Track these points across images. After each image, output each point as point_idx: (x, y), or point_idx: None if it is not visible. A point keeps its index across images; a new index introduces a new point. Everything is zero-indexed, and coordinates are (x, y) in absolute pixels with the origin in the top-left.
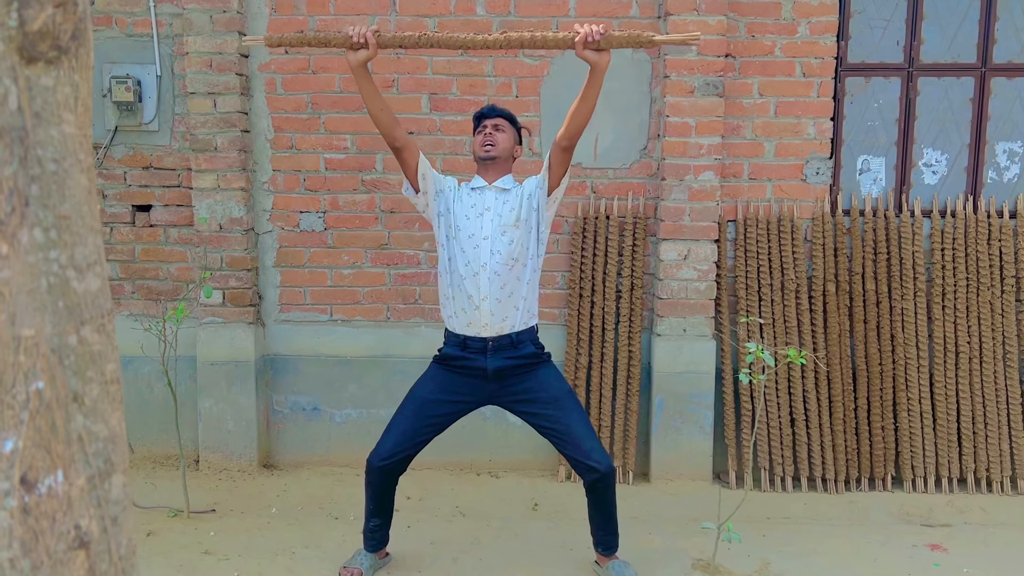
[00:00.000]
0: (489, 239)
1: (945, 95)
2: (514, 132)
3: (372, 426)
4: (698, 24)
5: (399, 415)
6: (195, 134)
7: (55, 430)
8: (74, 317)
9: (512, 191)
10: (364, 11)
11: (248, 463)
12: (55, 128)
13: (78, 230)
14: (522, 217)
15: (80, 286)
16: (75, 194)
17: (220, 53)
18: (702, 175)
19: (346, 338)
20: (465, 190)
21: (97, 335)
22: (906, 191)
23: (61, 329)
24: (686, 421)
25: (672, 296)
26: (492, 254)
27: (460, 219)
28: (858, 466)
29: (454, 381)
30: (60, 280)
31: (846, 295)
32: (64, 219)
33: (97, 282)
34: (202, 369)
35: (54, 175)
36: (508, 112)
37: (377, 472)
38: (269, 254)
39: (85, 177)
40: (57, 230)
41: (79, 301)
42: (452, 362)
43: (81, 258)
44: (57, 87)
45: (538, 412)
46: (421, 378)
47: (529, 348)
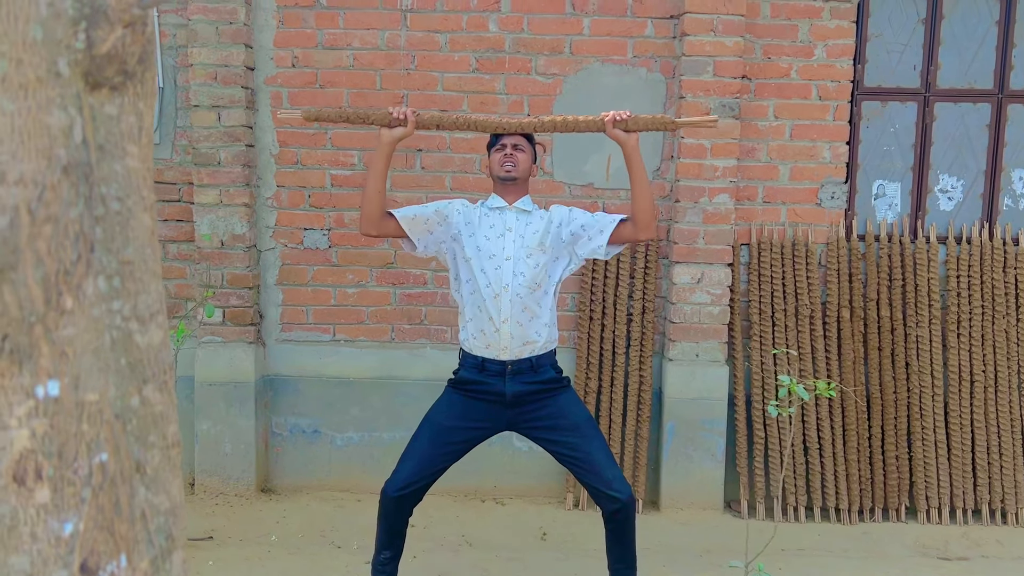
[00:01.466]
0: (512, 260)
1: (961, 121)
2: (532, 151)
3: (374, 450)
4: (714, 45)
5: (415, 442)
6: (198, 148)
7: (118, 508)
8: (137, 375)
9: (534, 214)
10: (374, 26)
11: (246, 487)
12: (119, 162)
13: (141, 276)
14: (548, 244)
15: (143, 340)
16: (139, 236)
17: (226, 65)
18: (717, 198)
19: (349, 359)
20: (482, 209)
21: (159, 394)
22: (922, 217)
23: (124, 390)
24: (698, 449)
25: (685, 320)
26: (515, 276)
27: (481, 239)
28: (872, 496)
29: (471, 407)
30: (123, 334)
31: (860, 321)
32: (127, 265)
33: (159, 334)
34: (200, 390)
35: (118, 215)
36: (527, 134)
37: (393, 503)
38: (271, 272)
39: (148, 216)
40: (120, 277)
41: (142, 357)
42: (468, 387)
43: (144, 308)
44: (121, 116)
45: (558, 440)
46: (436, 403)
47: (549, 372)
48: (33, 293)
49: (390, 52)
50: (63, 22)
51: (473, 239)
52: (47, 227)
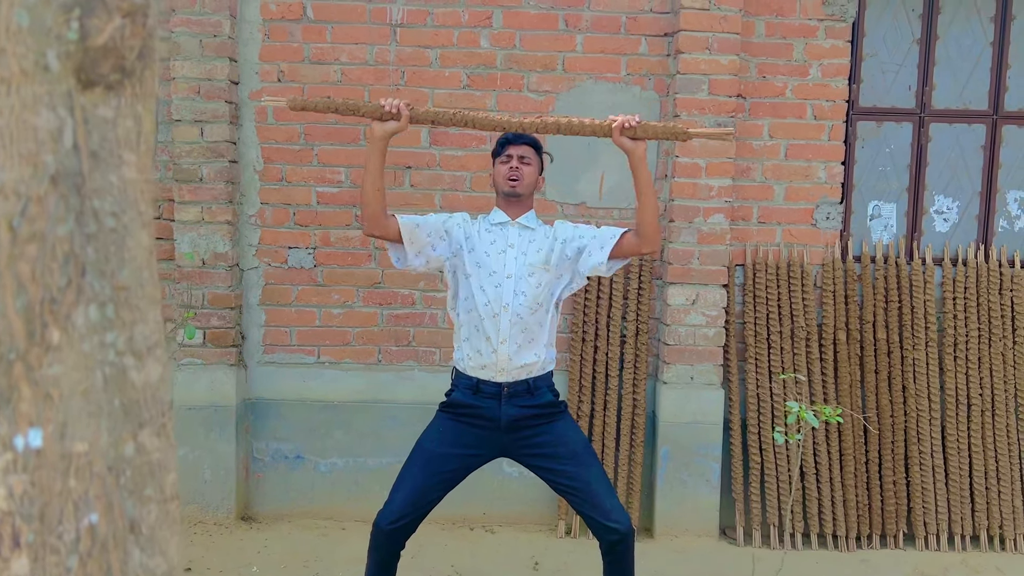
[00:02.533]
0: (513, 279)
1: (956, 142)
2: (539, 161)
3: (359, 476)
4: (709, 63)
5: (406, 471)
6: (179, 164)
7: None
8: (132, 419)
9: (538, 231)
10: (363, 40)
11: (226, 515)
12: (114, 172)
13: (138, 303)
14: (552, 262)
15: (140, 377)
16: (135, 257)
17: (209, 79)
18: (712, 217)
19: (334, 381)
20: (483, 224)
21: (157, 439)
22: (917, 238)
23: (118, 437)
24: (692, 474)
25: (679, 342)
26: (516, 295)
27: (480, 255)
28: (869, 522)
29: (464, 432)
30: (117, 371)
31: (857, 344)
32: (123, 290)
33: (158, 369)
34: (178, 414)
35: (113, 233)
36: (534, 140)
37: (385, 536)
38: (254, 292)
39: (146, 234)
40: (115, 305)
41: (138, 397)
42: (461, 411)
43: (141, 340)
44: (118, 119)
45: (556, 468)
46: (427, 430)
47: (547, 396)
48: (13, 325)
49: (379, 67)
50: (53, 8)
51: (473, 255)
52: (31, 247)
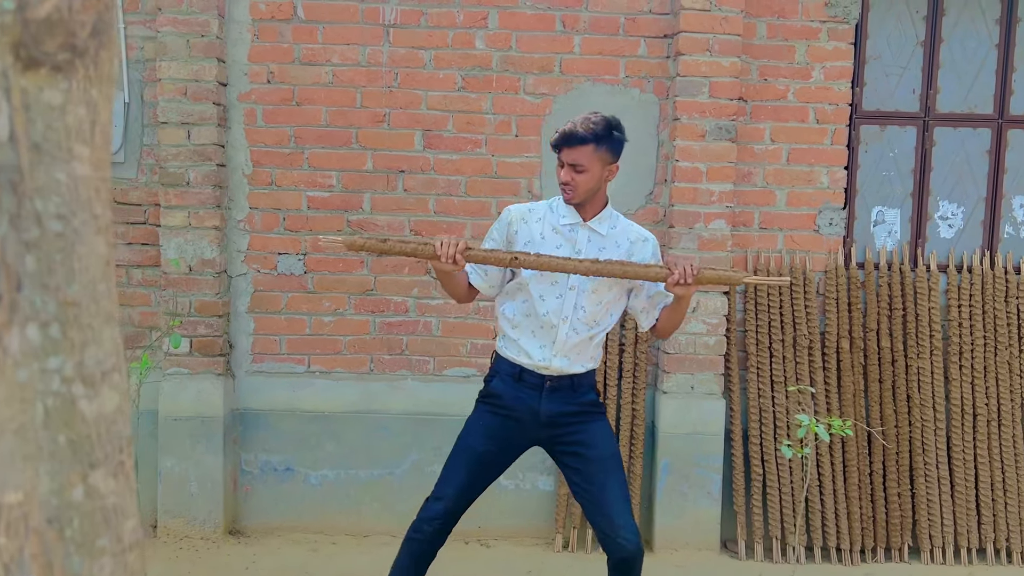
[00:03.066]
0: (576, 291)
1: (962, 146)
2: (604, 156)
3: (351, 489)
4: (710, 65)
5: (453, 469)
6: (165, 167)
7: None
8: (81, 458)
9: (609, 237)
10: (354, 41)
11: (213, 530)
12: (62, 168)
13: (90, 322)
14: (620, 283)
15: (91, 408)
16: (88, 268)
17: (196, 80)
18: (713, 223)
19: (324, 391)
20: (547, 221)
21: (113, 481)
22: (921, 244)
23: (62, 481)
24: (693, 486)
25: (679, 351)
26: (576, 309)
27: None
28: (874, 535)
29: (505, 427)
30: (63, 402)
31: (860, 353)
32: (71, 307)
33: (114, 399)
34: (164, 425)
35: (59, 239)
36: (594, 134)
37: (433, 532)
38: (242, 299)
39: (102, 241)
40: (61, 324)
41: (89, 432)
42: (501, 402)
43: (94, 365)
44: (67, 107)
45: (581, 469)
46: (469, 424)
47: (589, 395)
48: None
49: (371, 69)
50: None
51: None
52: None
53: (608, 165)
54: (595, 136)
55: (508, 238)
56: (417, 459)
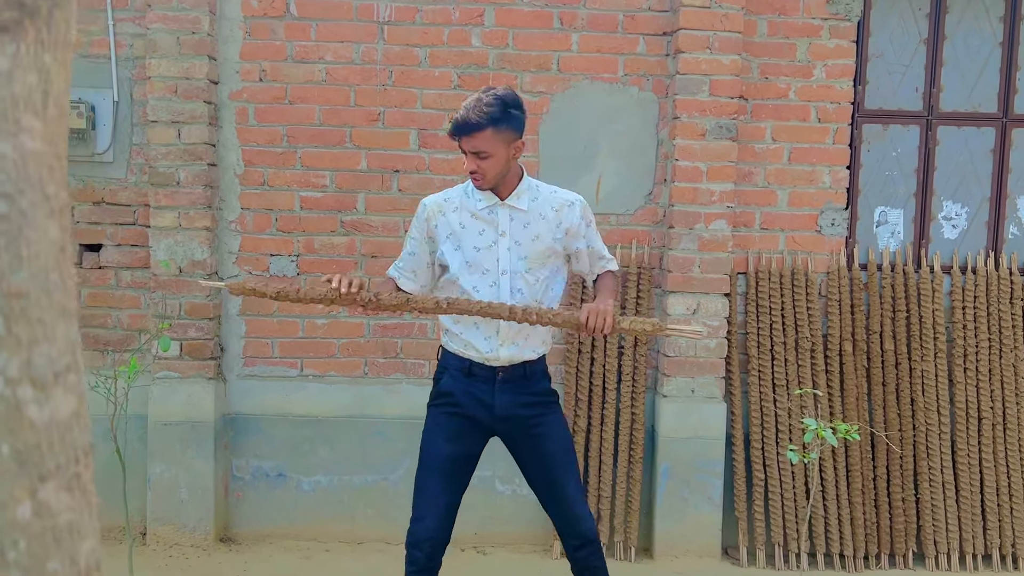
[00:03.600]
0: (509, 275)
1: (965, 145)
2: (506, 136)
3: (345, 495)
4: (711, 63)
5: (425, 481)
6: (155, 167)
7: None
8: (28, 470)
9: (531, 212)
10: (348, 38)
11: (203, 537)
12: (8, 141)
13: (41, 316)
14: (556, 250)
15: (41, 414)
16: (38, 254)
17: (187, 78)
18: (713, 224)
19: (318, 395)
20: (464, 209)
21: (67, 495)
22: (925, 245)
23: (6, 497)
24: (693, 491)
25: (680, 354)
26: (514, 293)
27: (469, 251)
28: (877, 541)
29: (463, 425)
30: (7, 407)
31: (863, 355)
32: (17, 299)
33: (70, 402)
34: (153, 430)
35: (2, 221)
36: (490, 117)
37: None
38: (233, 301)
39: (55, 225)
40: (5, 318)
41: (39, 440)
42: (454, 400)
43: (44, 365)
44: (15, 72)
45: (538, 462)
46: (427, 433)
47: (542, 383)
48: None
49: (365, 66)
50: None
51: (460, 253)
52: None
53: (512, 143)
54: (491, 119)
55: (428, 234)
56: (412, 464)
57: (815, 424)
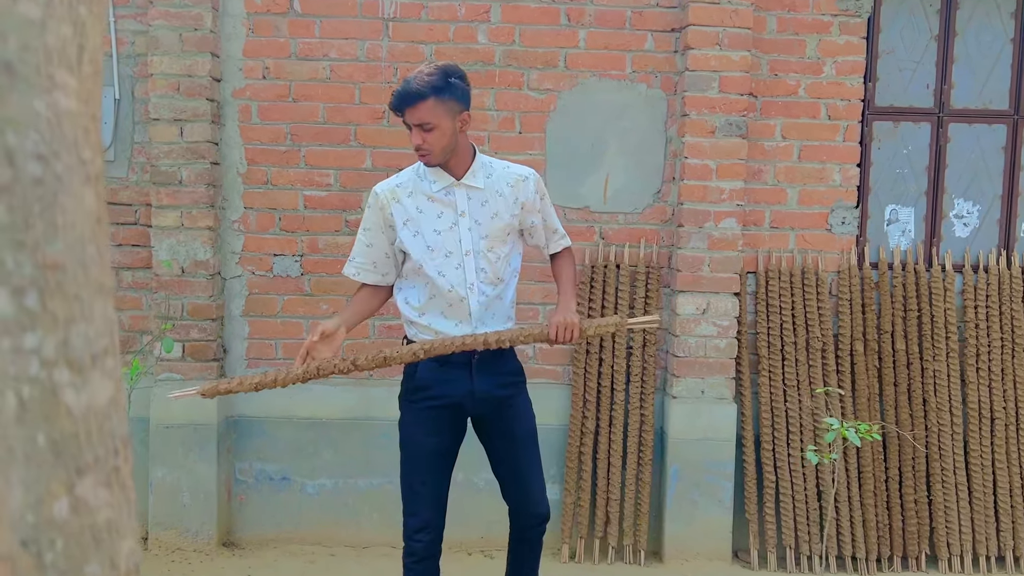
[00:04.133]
0: (472, 255)
1: (977, 143)
2: (450, 106)
3: (349, 498)
4: (720, 59)
5: (413, 478)
6: (157, 165)
7: None
8: (66, 463)
9: (487, 189)
10: (353, 36)
11: (206, 541)
12: (41, 97)
13: (78, 291)
14: (514, 226)
15: (79, 400)
16: (74, 224)
17: (189, 76)
18: (723, 222)
19: (322, 397)
20: (419, 193)
21: (106, 491)
22: (936, 244)
23: (41, 492)
24: (704, 494)
25: (689, 354)
26: (479, 272)
27: (430, 235)
28: (890, 544)
29: (443, 417)
30: (42, 392)
31: (875, 355)
32: (53, 271)
33: (108, 388)
34: (155, 433)
35: (37, 186)
36: (431, 86)
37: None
38: (237, 302)
39: (91, 192)
40: (39, 292)
41: (76, 429)
42: (430, 394)
43: (82, 346)
44: (48, 24)
45: (507, 445)
46: (406, 430)
47: (513, 362)
48: None
49: (370, 64)
50: None
51: (420, 238)
52: None
53: (458, 115)
54: (433, 88)
55: (385, 222)
56: None
57: (837, 424)
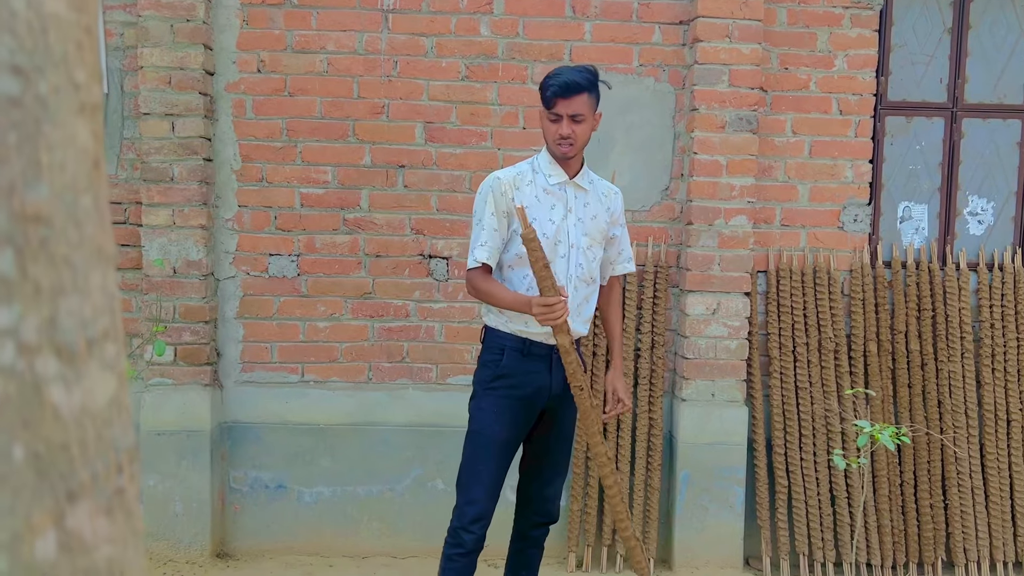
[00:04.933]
0: (576, 248)
1: (991, 138)
2: (594, 104)
3: (348, 507)
4: (730, 52)
5: (480, 465)
6: (148, 162)
7: None
8: (52, 485)
9: (591, 192)
10: (351, 27)
11: (199, 552)
12: None
13: (69, 254)
14: (605, 232)
15: (70, 399)
16: (64, 163)
17: (181, 68)
18: (733, 219)
19: (319, 402)
20: (537, 184)
21: (106, 521)
22: (950, 241)
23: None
24: (714, 499)
25: (699, 356)
26: (577, 266)
27: (545, 224)
28: (905, 550)
29: (520, 409)
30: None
31: (888, 356)
32: (35, 223)
33: (109, 384)
34: (146, 440)
35: (13, 108)
36: (588, 81)
37: (475, 540)
38: (231, 304)
39: (86, 127)
40: (16, 252)
41: (66, 439)
42: (512, 382)
43: (74, 327)
44: None
45: (552, 438)
46: (484, 415)
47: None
48: None
49: (369, 57)
50: None
51: (536, 225)
52: None
53: (595, 113)
54: (589, 83)
55: (508, 207)
56: (420, 474)
57: (868, 426)
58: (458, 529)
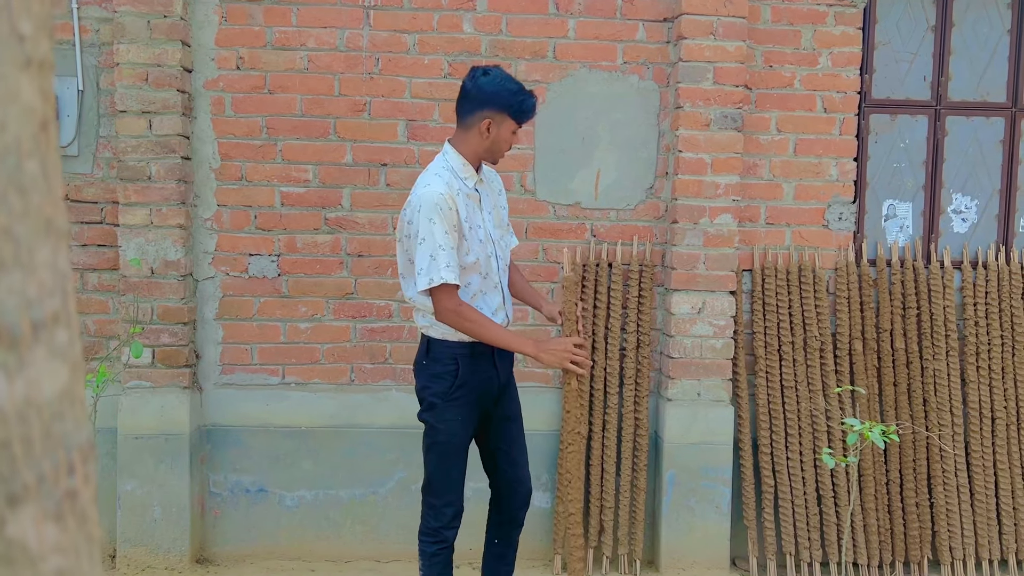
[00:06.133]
0: (496, 243)
1: (974, 136)
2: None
3: (331, 511)
4: (714, 49)
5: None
6: (124, 160)
7: None
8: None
9: (487, 181)
10: (332, 24)
11: (178, 558)
12: None
13: (10, 225)
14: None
15: (12, 390)
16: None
17: (158, 65)
18: (719, 218)
19: (301, 404)
20: (463, 191)
21: (55, 528)
22: (934, 239)
23: None
24: (701, 500)
25: (685, 355)
26: (502, 259)
27: (479, 229)
28: (892, 548)
29: (475, 411)
30: None
31: (874, 354)
32: None
33: (60, 374)
34: (124, 444)
35: None
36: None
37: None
38: (210, 305)
39: (32, 84)
40: None
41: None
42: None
43: (15, 307)
44: None
45: (506, 425)
46: (452, 428)
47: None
48: None
49: (350, 53)
50: None
51: (475, 232)
52: None
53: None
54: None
55: (457, 222)
56: (403, 477)
57: (859, 424)
58: (440, 529)
